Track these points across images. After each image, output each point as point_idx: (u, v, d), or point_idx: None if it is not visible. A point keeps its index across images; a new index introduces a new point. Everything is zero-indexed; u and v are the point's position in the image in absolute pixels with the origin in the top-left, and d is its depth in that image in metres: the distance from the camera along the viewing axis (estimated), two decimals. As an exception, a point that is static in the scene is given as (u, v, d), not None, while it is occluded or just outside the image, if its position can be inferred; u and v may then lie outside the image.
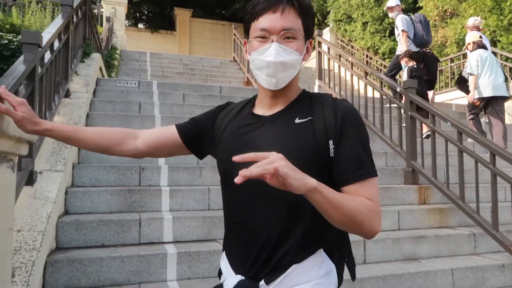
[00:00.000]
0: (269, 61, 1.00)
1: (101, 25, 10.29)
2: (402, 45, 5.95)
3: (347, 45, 12.39)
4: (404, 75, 5.72)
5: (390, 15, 6.53)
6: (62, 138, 1.19)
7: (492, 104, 5.36)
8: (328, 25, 13.62)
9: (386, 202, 3.90)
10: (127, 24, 16.56)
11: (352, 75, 5.67)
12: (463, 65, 7.71)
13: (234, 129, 1.11)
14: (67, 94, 4.02)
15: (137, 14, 21.00)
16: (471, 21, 6.16)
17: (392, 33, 10.50)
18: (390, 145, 4.58)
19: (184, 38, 19.10)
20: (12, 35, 5.01)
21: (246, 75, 9.75)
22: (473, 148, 4.77)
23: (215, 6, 20.96)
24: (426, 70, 6.04)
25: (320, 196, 0.85)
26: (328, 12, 13.96)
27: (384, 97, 4.87)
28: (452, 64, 7.97)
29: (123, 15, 11.57)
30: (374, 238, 3.23)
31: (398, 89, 4.55)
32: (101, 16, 11.03)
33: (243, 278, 1.03)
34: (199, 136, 1.22)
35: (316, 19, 15.21)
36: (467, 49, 5.76)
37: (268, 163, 0.79)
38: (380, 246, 3.22)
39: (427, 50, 6.22)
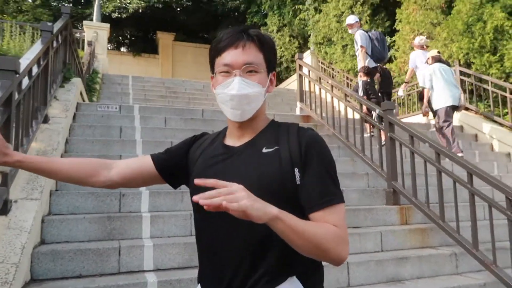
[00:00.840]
0: (232, 94, 1.04)
1: (83, 48, 10.28)
2: (361, 61, 6.24)
3: (328, 67, 12.65)
4: (359, 90, 5.99)
5: (350, 31, 6.88)
6: (34, 169, 1.17)
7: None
8: (309, 48, 13.91)
9: (368, 224, 3.91)
10: (109, 48, 16.58)
11: (332, 97, 5.76)
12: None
13: (205, 159, 1.14)
14: (46, 120, 3.96)
15: (120, 37, 21.07)
16: (417, 40, 6.68)
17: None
18: (371, 166, 4.64)
19: (166, 61, 19.21)
20: (-10, 60, 4.94)
21: (229, 98, 9.81)
22: (452, 167, 4.87)
23: (197, 30, 21.24)
24: (384, 84, 6.41)
25: (282, 224, 0.86)
26: (309, 36, 14.28)
27: (364, 118, 4.96)
28: (429, 85, 8.19)
29: (105, 39, 11.60)
30: (357, 261, 3.23)
31: (377, 111, 4.64)
32: (83, 40, 11.04)
33: None
34: (173, 167, 1.23)
35: (297, 43, 15.56)
36: (427, 63, 6.16)
37: (227, 193, 0.81)
38: (363, 268, 3.21)
39: (383, 66, 6.61)
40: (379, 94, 6.14)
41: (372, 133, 5.18)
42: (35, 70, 3.56)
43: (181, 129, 5.10)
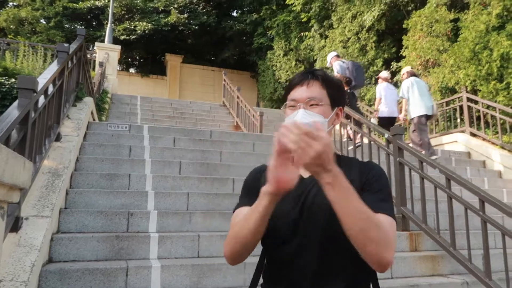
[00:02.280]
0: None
1: (93, 69, 10.47)
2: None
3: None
4: None
5: (329, 64, 7.80)
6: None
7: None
8: (316, 72, 14.05)
9: (378, 249, 3.85)
10: (118, 69, 16.88)
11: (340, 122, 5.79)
12: (446, 112, 7.98)
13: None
14: (58, 138, 4.00)
15: (129, 59, 21.47)
16: (385, 74, 7.62)
17: (376, 81, 10.89)
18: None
19: (174, 82, 19.47)
20: (4, 78, 5.04)
21: (236, 119, 9.88)
22: (460, 193, 4.83)
23: (205, 52, 21.61)
24: (350, 107, 7.00)
25: (332, 193, 0.95)
26: (315, 60, 14.47)
27: (372, 143, 4.97)
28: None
29: (115, 60, 11.82)
30: None
31: (386, 136, 4.65)
32: (94, 60, 11.25)
33: None
34: None
35: (303, 67, 15.74)
36: (402, 78, 7.06)
37: (308, 140, 0.90)
38: (374, 295, 3.15)
39: (355, 91, 7.40)
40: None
41: (358, 144, 5.43)
42: (50, 89, 3.63)
43: (189, 149, 5.13)
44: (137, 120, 8.78)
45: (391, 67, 10.89)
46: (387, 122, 6.77)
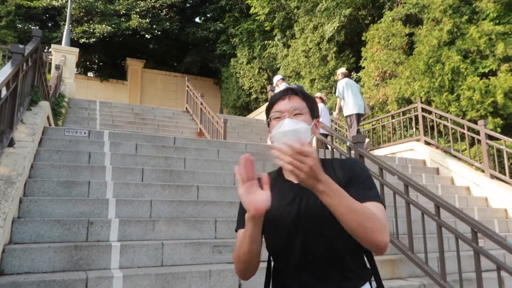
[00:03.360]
0: (284, 131, 1.23)
1: (49, 71, 10.03)
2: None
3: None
4: None
5: (275, 85, 8.66)
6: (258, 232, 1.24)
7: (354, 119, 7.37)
8: (278, 81, 14.25)
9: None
10: (76, 72, 16.27)
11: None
12: (403, 121, 8.34)
13: (280, 198, 1.28)
14: (11, 143, 3.78)
15: (87, 62, 20.77)
16: (318, 94, 8.63)
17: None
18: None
19: (135, 87, 19.05)
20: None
21: (199, 126, 9.80)
22: (417, 199, 5.05)
23: (167, 58, 21.34)
24: None
25: (328, 199, 1.06)
26: (278, 69, 14.68)
27: (334, 150, 5.10)
28: (393, 120, 8.58)
29: (73, 63, 11.40)
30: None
31: (348, 144, 4.79)
32: (50, 63, 10.79)
33: None
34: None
35: (266, 75, 15.92)
36: (338, 78, 7.97)
37: (299, 158, 1.00)
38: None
39: None
40: None
41: None
42: (4, 92, 3.44)
43: (152, 156, 5.01)
44: (96, 125, 8.49)
45: (351, 77, 11.25)
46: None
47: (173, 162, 5.03)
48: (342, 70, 8.01)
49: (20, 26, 18.04)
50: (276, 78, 8.86)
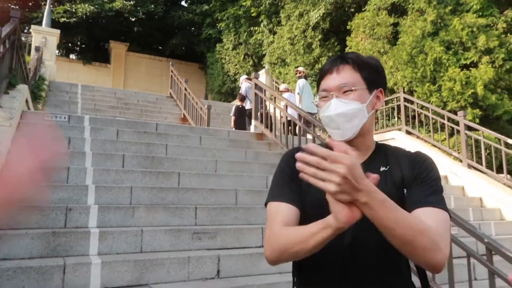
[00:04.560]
0: (330, 115, 1.07)
1: (29, 53, 9.77)
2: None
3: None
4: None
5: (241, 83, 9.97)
6: None
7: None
8: (264, 67, 14.22)
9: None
10: (57, 54, 15.87)
11: (286, 117, 5.92)
12: (386, 110, 8.44)
13: None
14: (-13, 128, 3.71)
15: (69, 44, 20.27)
16: (282, 86, 9.47)
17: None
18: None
19: (118, 71, 18.71)
20: None
21: (183, 112, 9.74)
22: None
23: (152, 42, 20.98)
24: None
25: (370, 212, 0.85)
26: (264, 55, 14.61)
27: (315, 138, 5.15)
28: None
29: (54, 45, 11.13)
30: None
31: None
32: (29, 44, 10.51)
33: None
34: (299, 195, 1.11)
35: (252, 61, 15.83)
36: (300, 75, 8.72)
37: (327, 168, 0.78)
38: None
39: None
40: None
41: None
42: (-22, 74, 3.36)
43: (134, 142, 4.98)
44: (77, 110, 8.36)
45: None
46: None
47: (155, 148, 5.01)
48: (302, 68, 8.67)
49: (-2, 5, 17.45)
50: (242, 77, 9.95)
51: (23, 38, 10.27)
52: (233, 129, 8.48)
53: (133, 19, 19.25)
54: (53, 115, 5.05)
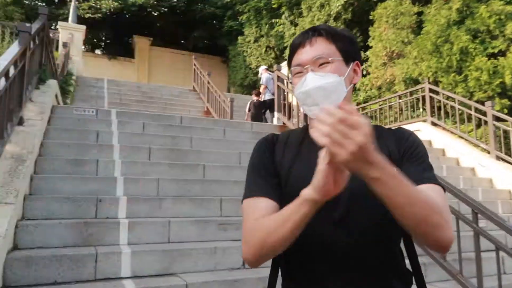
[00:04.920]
0: (306, 91, 0.96)
1: (57, 49, 10.05)
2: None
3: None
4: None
5: (260, 74, 10.55)
6: None
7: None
8: (285, 60, 14.15)
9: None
10: (83, 50, 16.26)
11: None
12: (410, 101, 8.30)
13: (308, 167, 0.90)
14: (21, 122, 3.86)
15: (95, 40, 20.69)
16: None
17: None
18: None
19: (143, 66, 19.00)
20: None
21: (206, 105, 9.84)
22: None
23: (175, 36, 21.18)
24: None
25: (381, 188, 0.78)
26: (285, 47, 14.53)
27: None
28: (400, 100, 8.52)
29: (80, 40, 11.39)
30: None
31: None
32: (57, 41, 10.79)
33: None
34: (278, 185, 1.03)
35: (274, 54, 15.75)
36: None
37: (345, 131, 0.70)
38: None
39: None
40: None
41: None
42: (12, 71, 3.49)
43: (159, 135, 5.09)
44: (104, 104, 8.58)
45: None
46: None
47: (180, 141, 5.10)
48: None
49: (27, 2, 17.94)
50: (262, 68, 10.42)
51: (51, 35, 10.58)
52: None
53: (155, 14, 19.46)
54: (82, 109, 5.20)
